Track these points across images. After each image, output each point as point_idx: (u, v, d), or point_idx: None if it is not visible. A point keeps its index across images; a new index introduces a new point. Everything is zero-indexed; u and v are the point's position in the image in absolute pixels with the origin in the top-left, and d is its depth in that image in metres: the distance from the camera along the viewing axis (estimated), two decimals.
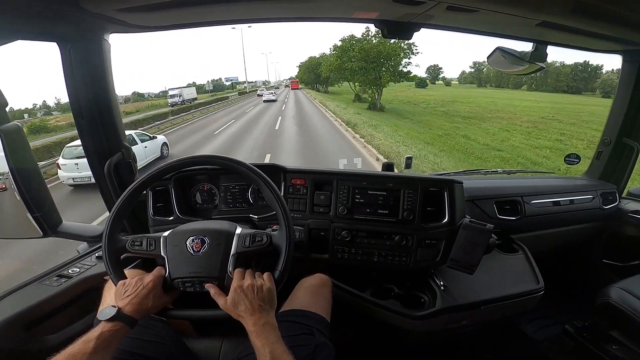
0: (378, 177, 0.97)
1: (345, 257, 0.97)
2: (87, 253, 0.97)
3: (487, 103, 24.06)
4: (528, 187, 1.31)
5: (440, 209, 0.94)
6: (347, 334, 1.09)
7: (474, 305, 0.90)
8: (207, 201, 1.04)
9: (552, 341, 1.28)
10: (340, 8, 1.01)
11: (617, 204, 1.37)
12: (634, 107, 1.26)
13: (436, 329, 0.92)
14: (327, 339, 0.73)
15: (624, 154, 1.34)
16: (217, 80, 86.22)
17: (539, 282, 0.97)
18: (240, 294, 0.59)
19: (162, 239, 0.67)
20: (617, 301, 1.02)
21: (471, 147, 9.67)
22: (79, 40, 0.84)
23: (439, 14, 0.92)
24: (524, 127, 14.44)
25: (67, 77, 0.86)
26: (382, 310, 0.91)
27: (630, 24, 0.93)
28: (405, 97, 27.69)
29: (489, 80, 57.11)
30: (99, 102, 0.92)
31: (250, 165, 0.71)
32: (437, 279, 0.95)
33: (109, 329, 0.55)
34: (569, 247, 1.47)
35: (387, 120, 13.06)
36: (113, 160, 0.97)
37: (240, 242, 0.66)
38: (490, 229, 0.84)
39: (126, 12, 0.81)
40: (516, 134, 12.71)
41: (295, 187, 1.00)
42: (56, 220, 0.92)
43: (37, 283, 0.85)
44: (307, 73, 33.04)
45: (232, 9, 0.91)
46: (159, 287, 0.63)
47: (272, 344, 0.54)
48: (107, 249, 0.65)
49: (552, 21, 0.91)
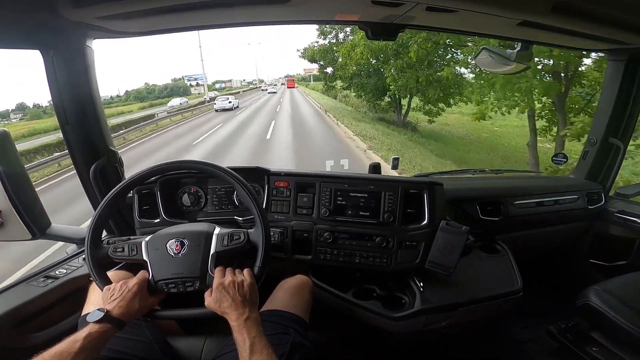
0: (360, 180, 0.99)
1: (327, 259, 0.98)
2: (74, 255, 1.00)
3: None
4: (512, 187, 1.31)
5: (420, 210, 0.95)
6: (328, 334, 1.11)
7: (451, 307, 0.91)
8: (194, 203, 1.06)
9: (536, 342, 1.29)
10: (322, 11, 1.01)
11: (602, 203, 1.37)
12: (619, 106, 1.26)
13: (415, 330, 0.93)
14: (304, 338, 0.74)
15: (610, 153, 1.34)
16: (179, 80, 59.79)
17: (518, 284, 0.97)
18: (222, 291, 0.61)
19: (144, 244, 0.69)
20: (597, 303, 1.02)
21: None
22: (61, 47, 0.85)
23: (419, 15, 0.92)
24: None
25: (51, 83, 0.87)
26: (363, 311, 0.93)
27: (614, 24, 0.93)
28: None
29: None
30: (84, 107, 0.93)
31: (223, 167, 0.73)
32: (417, 280, 0.96)
33: (97, 330, 0.57)
34: (556, 247, 1.48)
35: None
36: (98, 165, 0.98)
37: (219, 242, 0.68)
38: (466, 231, 0.85)
39: (107, 19, 0.82)
40: None
41: (278, 189, 1.01)
42: (45, 222, 0.94)
43: (25, 284, 0.87)
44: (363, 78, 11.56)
45: (213, 14, 0.92)
46: (144, 289, 0.65)
47: (252, 338, 0.56)
48: (90, 256, 0.67)
49: (533, 20, 0.91)
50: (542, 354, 1.25)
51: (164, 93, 51.39)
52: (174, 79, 61.66)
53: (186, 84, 54.79)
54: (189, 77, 52.74)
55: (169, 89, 51.46)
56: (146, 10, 0.76)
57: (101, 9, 0.73)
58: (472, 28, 1.10)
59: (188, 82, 52.22)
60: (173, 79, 61.73)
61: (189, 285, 0.66)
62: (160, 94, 51.29)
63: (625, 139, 1.29)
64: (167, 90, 50.48)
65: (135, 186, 0.76)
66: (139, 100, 42.11)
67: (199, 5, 0.81)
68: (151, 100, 41.61)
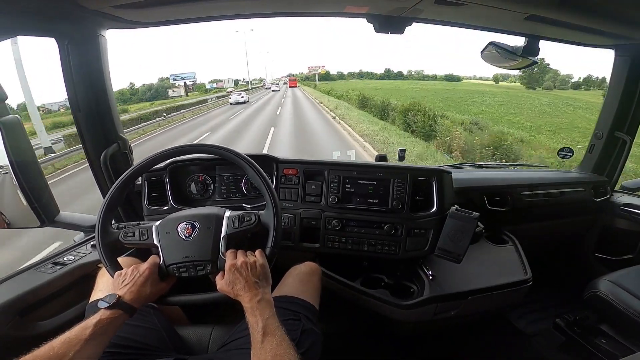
0: (368, 167, 0.99)
1: (335, 247, 0.98)
2: (83, 242, 1.00)
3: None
4: (519, 178, 1.32)
5: (428, 198, 0.96)
6: (337, 323, 1.11)
7: (461, 295, 0.91)
8: (201, 191, 1.06)
9: (543, 335, 1.28)
10: (331, 3, 1.03)
11: (608, 197, 1.37)
12: (625, 101, 1.27)
13: (425, 319, 0.93)
14: (314, 325, 0.74)
15: (617, 147, 1.34)
16: (165, 79, 45.69)
17: (527, 273, 0.97)
18: (235, 273, 0.60)
19: (154, 228, 0.69)
20: (606, 294, 1.01)
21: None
22: (76, 36, 0.86)
23: (427, 8, 0.93)
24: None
25: (65, 71, 0.89)
26: (372, 299, 0.93)
27: (621, 19, 0.94)
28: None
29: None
30: (96, 95, 0.95)
31: (234, 150, 0.73)
32: (426, 268, 0.96)
33: (108, 316, 0.56)
34: (562, 240, 1.48)
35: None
36: (109, 152, 0.99)
37: (230, 224, 0.68)
38: (476, 216, 0.85)
39: (122, 8, 0.83)
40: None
41: (287, 177, 1.02)
42: (54, 210, 0.94)
43: (33, 270, 0.87)
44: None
45: (224, 5, 0.94)
46: (155, 274, 0.64)
47: (265, 320, 0.55)
48: (100, 241, 0.67)
49: (541, 14, 0.91)
50: (550, 347, 1.24)
51: (147, 95, 42.63)
52: (161, 78, 49.97)
53: (173, 84, 42.66)
54: (175, 75, 40.18)
55: (153, 89, 41.52)
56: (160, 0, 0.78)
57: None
58: (480, 22, 1.11)
59: (174, 82, 40.06)
60: (160, 79, 49.70)
61: (200, 268, 0.65)
62: (143, 95, 42.71)
63: (631, 132, 1.29)
64: (152, 91, 40.90)
65: (148, 169, 0.76)
66: (122, 102, 35.75)
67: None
68: (134, 102, 35.91)
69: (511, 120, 15.23)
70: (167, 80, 44.94)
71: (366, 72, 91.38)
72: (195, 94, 41.34)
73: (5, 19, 0.71)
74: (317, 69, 74.08)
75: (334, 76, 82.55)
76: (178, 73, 39.82)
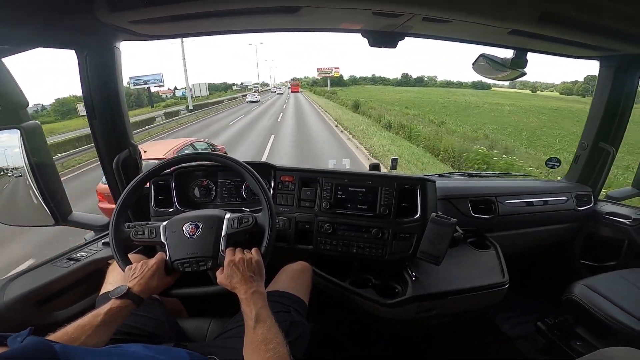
0: (359, 176, 1.06)
1: (327, 248, 1.05)
2: (94, 240, 1.07)
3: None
4: (503, 187, 1.36)
5: (413, 205, 1.02)
6: (326, 321, 1.16)
7: (441, 295, 0.97)
8: (204, 195, 1.14)
9: (526, 339, 1.32)
10: (329, 20, 1.09)
11: (592, 205, 1.41)
12: (610, 112, 1.30)
13: (408, 317, 0.98)
14: (303, 318, 0.80)
15: (601, 157, 1.38)
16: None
17: (504, 277, 1.02)
18: (233, 267, 0.67)
19: (162, 227, 0.76)
20: (580, 297, 1.06)
21: None
22: (94, 48, 0.93)
23: (417, 25, 0.99)
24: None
25: (83, 81, 0.95)
26: (359, 298, 0.99)
27: (602, 32, 0.97)
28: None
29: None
30: (110, 103, 1.01)
31: (234, 158, 0.81)
32: (410, 270, 1.02)
33: (117, 305, 0.62)
34: (547, 246, 1.51)
35: None
36: (121, 157, 1.06)
37: (230, 225, 0.75)
38: (454, 222, 0.92)
39: (136, 23, 0.90)
40: None
41: (284, 183, 1.09)
42: (67, 210, 1.01)
43: (50, 264, 0.94)
44: None
45: (230, 21, 1.00)
46: (162, 269, 0.71)
47: (258, 309, 0.62)
48: (114, 238, 0.74)
49: (523, 29, 0.96)
50: (532, 350, 1.28)
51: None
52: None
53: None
54: (136, 78, 26.61)
55: (133, 96, 30.66)
56: (172, 16, 0.85)
57: (134, 14, 0.82)
58: (467, 36, 1.17)
59: (135, 87, 27.11)
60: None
61: (202, 264, 0.72)
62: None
63: (614, 143, 1.33)
64: (132, 97, 30.54)
65: (157, 174, 0.84)
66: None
67: (218, 13, 0.90)
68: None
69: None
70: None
71: (379, 77, 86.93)
72: (172, 100, 33.29)
73: (29, 32, 0.77)
74: (329, 72, 63.26)
75: (346, 81, 77.19)
76: (140, 76, 26.93)
